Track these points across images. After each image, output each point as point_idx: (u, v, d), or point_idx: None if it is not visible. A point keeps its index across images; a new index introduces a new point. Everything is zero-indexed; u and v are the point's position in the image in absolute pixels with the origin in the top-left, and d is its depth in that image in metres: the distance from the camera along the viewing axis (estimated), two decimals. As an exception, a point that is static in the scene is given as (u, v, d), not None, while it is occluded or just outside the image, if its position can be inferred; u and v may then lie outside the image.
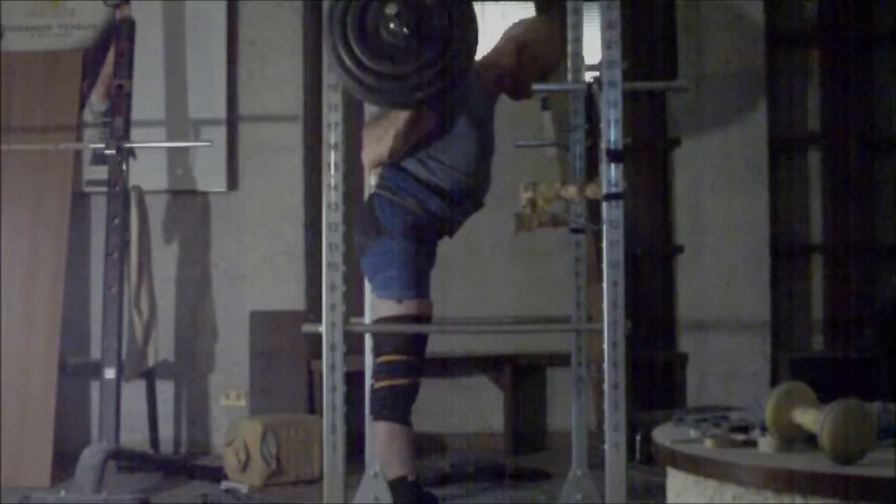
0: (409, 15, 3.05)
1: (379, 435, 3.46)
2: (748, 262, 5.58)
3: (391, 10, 3.03)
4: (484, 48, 3.51)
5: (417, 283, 3.48)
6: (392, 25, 3.03)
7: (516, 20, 3.83)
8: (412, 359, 3.46)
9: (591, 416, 4.50)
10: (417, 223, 3.50)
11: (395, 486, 3.46)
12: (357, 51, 3.05)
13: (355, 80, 3.07)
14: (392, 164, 3.52)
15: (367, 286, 3.97)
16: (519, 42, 3.69)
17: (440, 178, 3.52)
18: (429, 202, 3.52)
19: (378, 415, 3.45)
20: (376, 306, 3.58)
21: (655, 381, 5.56)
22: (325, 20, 3.10)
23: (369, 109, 3.64)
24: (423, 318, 3.48)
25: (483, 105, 3.66)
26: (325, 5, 3.11)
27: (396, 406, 3.43)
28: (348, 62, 3.06)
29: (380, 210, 3.52)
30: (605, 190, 3.13)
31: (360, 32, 3.06)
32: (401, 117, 3.39)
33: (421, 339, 3.51)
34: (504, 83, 3.73)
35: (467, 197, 3.59)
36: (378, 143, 3.47)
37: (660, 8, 5.77)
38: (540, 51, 3.70)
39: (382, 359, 3.47)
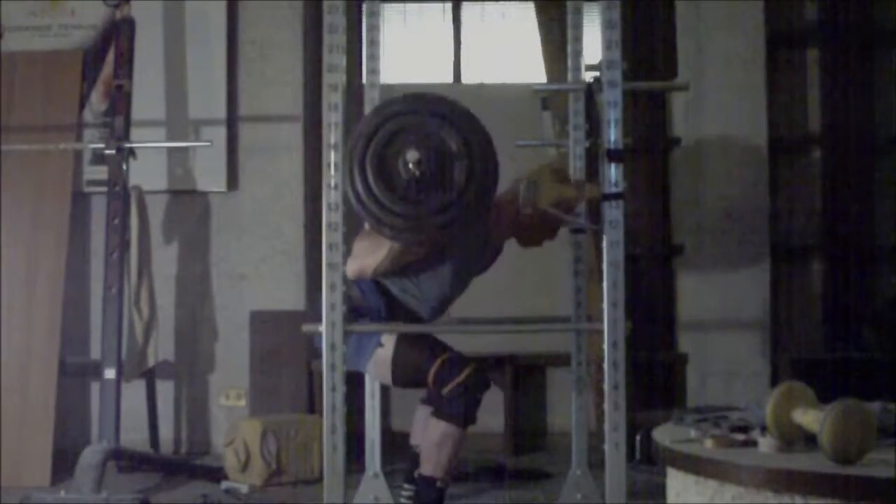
0: (431, 161, 3.04)
1: (434, 432, 3.45)
2: (748, 262, 5.58)
3: (412, 157, 3.02)
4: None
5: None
6: (411, 166, 3.03)
7: (529, 173, 3.69)
8: (453, 353, 3.47)
9: (591, 416, 4.50)
10: (355, 308, 3.47)
11: (424, 482, 3.48)
12: (372, 182, 3.04)
13: (366, 209, 3.06)
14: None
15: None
16: (526, 197, 3.52)
17: (395, 289, 3.53)
18: (372, 299, 3.52)
19: (441, 415, 3.44)
20: (374, 369, 3.54)
21: (655, 381, 5.56)
22: (350, 139, 3.09)
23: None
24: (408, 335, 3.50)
25: (478, 255, 3.64)
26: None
27: (460, 409, 3.41)
28: (361, 190, 3.05)
29: None
30: (605, 190, 3.13)
31: (378, 162, 3.05)
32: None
33: (435, 338, 3.53)
34: (511, 231, 3.64)
35: (408, 315, 3.58)
36: (366, 258, 3.43)
37: (660, 8, 5.77)
38: (546, 203, 3.53)
39: (433, 371, 3.43)
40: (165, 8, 5.60)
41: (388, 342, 3.46)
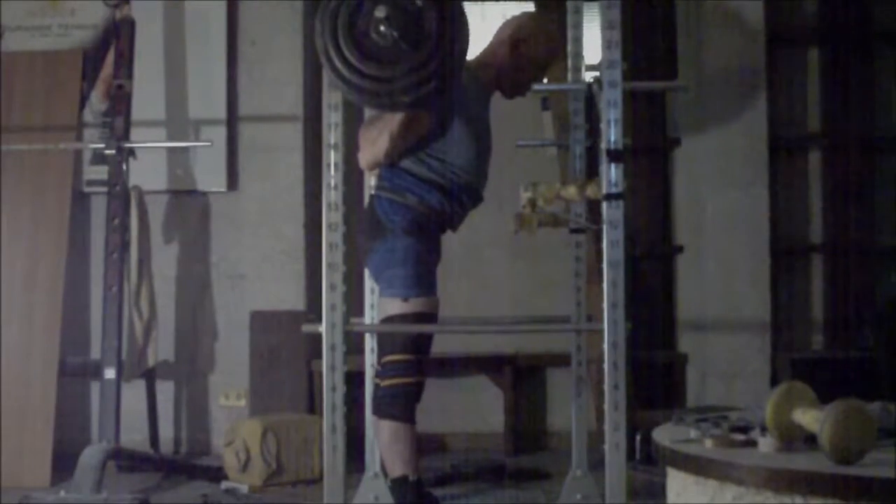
0: (399, 18, 3.04)
1: (383, 434, 3.46)
2: (748, 262, 5.58)
3: (380, 13, 3.02)
4: (479, 48, 3.51)
5: (423, 280, 3.48)
6: (382, 28, 3.03)
7: (510, 17, 3.82)
8: (418, 357, 3.47)
9: (591, 416, 4.50)
10: (419, 219, 3.50)
11: (397, 485, 3.46)
12: (346, 52, 3.05)
13: (344, 81, 3.07)
14: (390, 165, 3.52)
15: (368, 286, 3.98)
16: (513, 40, 3.66)
17: (438, 175, 3.51)
18: (429, 197, 3.51)
19: (383, 414, 3.45)
20: (382, 305, 3.57)
21: (655, 381, 5.55)
22: (317, 20, 3.10)
23: (369, 111, 3.64)
24: (429, 315, 3.48)
25: (479, 104, 3.65)
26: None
27: (401, 405, 3.43)
28: (338, 63, 3.06)
29: (381, 210, 3.52)
30: (605, 190, 3.13)
31: (350, 33, 3.05)
32: (395, 119, 3.39)
33: (426, 338, 3.52)
34: (499, 82, 3.71)
35: (466, 192, 3.58)
36: (374, 146, 3.47)
37: (660, 8, 5.77)
38: (534, 47, 3.67)
39: (388, 358, 3.47)
40: (165, 8, 5.60)
41: (406, 304, 3.44)
